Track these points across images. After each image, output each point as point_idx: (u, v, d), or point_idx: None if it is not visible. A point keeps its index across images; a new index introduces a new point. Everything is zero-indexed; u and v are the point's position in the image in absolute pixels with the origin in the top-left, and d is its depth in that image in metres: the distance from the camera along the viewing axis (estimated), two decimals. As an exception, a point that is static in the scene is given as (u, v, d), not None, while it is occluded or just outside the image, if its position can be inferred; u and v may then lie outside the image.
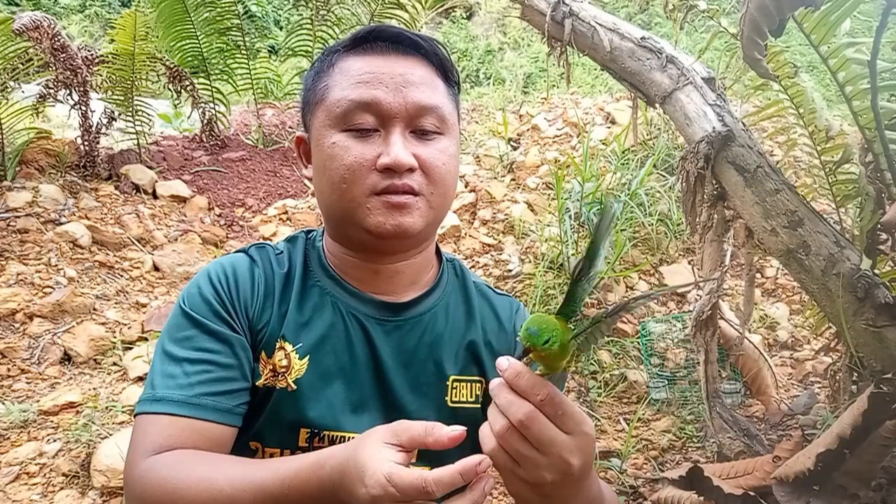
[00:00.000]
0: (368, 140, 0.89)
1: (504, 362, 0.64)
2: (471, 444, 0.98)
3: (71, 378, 2.73)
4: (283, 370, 0.91)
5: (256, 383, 0.91)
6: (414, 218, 0.90)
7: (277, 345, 0.92)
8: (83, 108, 4.05)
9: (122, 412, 2.47)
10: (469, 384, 1.00)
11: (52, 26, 3.67)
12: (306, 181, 1.00)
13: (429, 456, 0.93)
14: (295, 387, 0.90)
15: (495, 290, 1.14)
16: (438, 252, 1.10)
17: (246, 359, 0.90)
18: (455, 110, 0.99)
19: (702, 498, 1.82)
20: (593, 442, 0.66)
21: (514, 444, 0.63)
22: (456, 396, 0.98)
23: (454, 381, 0.98)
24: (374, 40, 0.93)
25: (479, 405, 1.00)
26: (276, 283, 0.96)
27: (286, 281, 0.97)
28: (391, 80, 0.89)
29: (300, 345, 0.92)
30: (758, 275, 3.65)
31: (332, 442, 0.90)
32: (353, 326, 0.95)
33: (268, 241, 1.05)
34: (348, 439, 0.89)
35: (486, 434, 0.65)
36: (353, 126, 0.89)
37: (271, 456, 0.91)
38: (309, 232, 1.06)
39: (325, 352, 0.93)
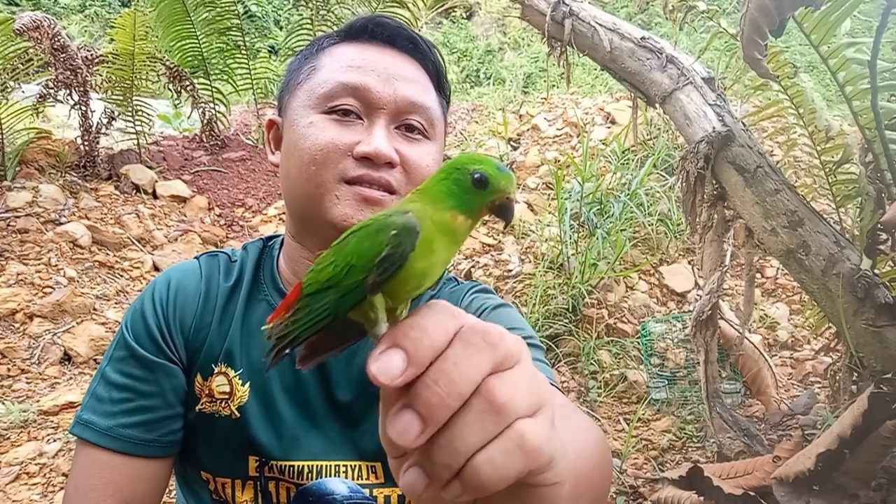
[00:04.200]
0: (349, 126, 0.81)
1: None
2: None
3: (71, 378, 2.73)
4: (224, 397, 0.85)
5: (196, 408, 0.86)
6: None
7: (217, 369, 0.86)
8: (83, 108, 4.06)
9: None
10: None
11: (52, 26, 3.67)
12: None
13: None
14: (239, 415, 0.85)
15: (459, 281, 1.00)
16: None
17: (171, 387, 0.85)
18: (443, 120, 0.91)
19: (702, 498, 1.82)
20: None
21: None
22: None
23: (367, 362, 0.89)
24: (371, 33, 0.87)
25: None
26: (217, 299, 0.89)
27: (230, 295, 0.90)
28: (384, 70, 0.83)
29: (242, 370, 0.86)
30: (758, 275, 3.65)
31: (282, 472, 0.84)
32: None
33: (223, 249, 0.98)
34: (299, 469, 0.85)
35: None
36: (335, 108, 0.81)
37: (223, 486, 0.87)
38: (269, 238, 0.99)
39: (269, 374, 0.86)
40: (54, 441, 2.36)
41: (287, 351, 0.44)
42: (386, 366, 0.36)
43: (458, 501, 0.37)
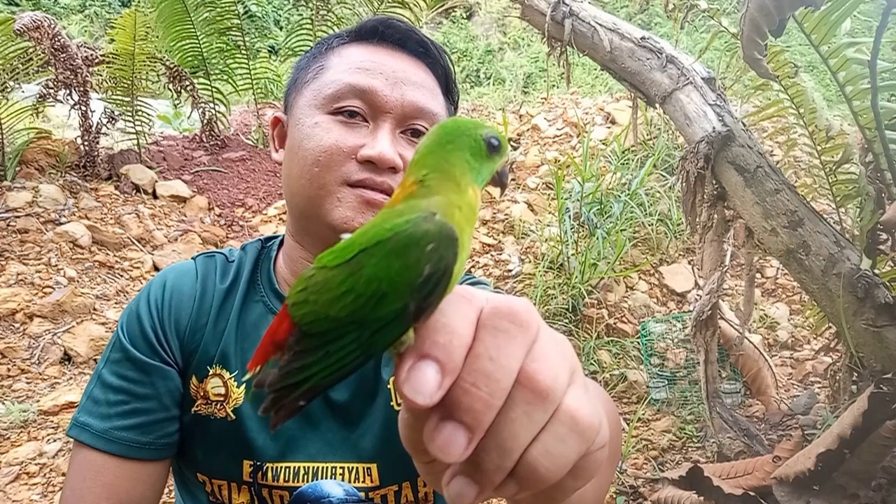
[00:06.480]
0: (354, 128, 0.81)
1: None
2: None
3: (71, 378, 2.73)
4: (219, 399, 0.85)
5: (191, 411, 0.85)
6: None
7: (211, 371, 0.85)
8: (83, 108, 4.06)
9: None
10: None
11: (52, 26, 3.67)
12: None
13: (392, 474, 0.86)
14: (234, 417, 0.84)
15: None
16: None
17: (166, 389, 0.85)
18: None
19: (702, 498, 1.82)
20: None
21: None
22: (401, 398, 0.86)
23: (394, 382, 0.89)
24: (382, 35, 0.87)
25: None
26: (213, 300, 0.89)
27: (226, 296, 0.90)
28: (392, 74, 0.83)
29: (237, 372, 0.85)
30: (758, 275, 3.65)
31: (276, 476, 0.84)
32: None
33: (221, 250, 0.97)
34: (295, 470, 0.84)
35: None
36: (341, 109, 0.81)
37: (219, 488, 0.86)
38: (269, 239, 0.98)
39: None
40: (54, 441, 2.36)
41: (302, 403, 0.35)
42: (420, 383, 0.31)
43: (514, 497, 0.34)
